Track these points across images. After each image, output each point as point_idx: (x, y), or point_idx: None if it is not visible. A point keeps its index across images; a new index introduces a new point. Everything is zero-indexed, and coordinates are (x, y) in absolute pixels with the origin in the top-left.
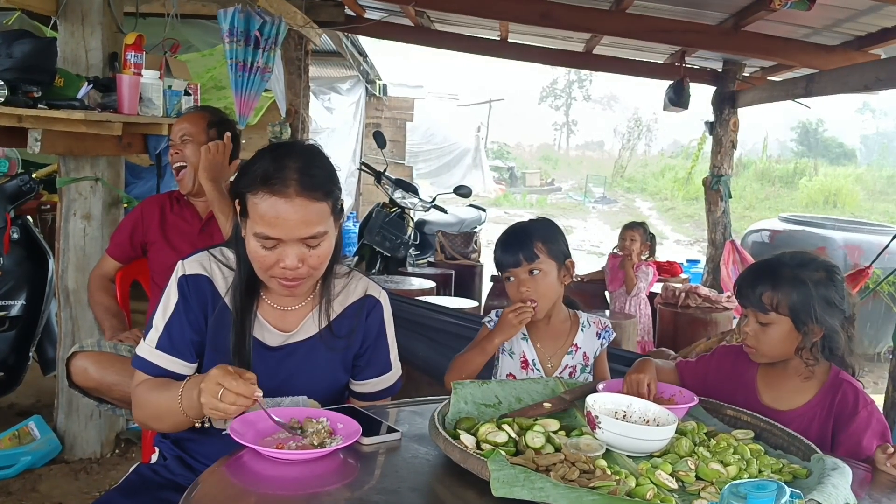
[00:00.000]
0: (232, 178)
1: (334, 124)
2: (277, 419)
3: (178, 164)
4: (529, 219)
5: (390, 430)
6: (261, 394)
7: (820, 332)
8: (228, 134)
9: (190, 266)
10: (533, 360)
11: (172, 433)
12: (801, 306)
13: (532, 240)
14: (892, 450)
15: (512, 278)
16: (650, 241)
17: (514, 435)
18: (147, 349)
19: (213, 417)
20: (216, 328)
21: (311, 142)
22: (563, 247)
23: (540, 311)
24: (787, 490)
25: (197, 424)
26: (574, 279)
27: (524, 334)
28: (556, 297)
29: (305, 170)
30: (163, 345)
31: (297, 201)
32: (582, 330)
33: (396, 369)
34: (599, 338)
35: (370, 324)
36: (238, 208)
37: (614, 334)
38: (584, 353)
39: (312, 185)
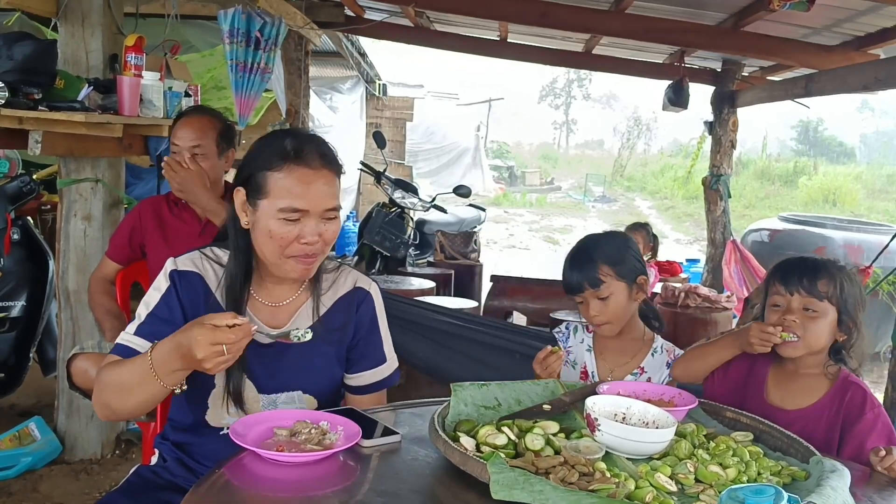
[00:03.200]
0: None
1: (338, 123)
2: (269, 332)
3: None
4: None
5: (390, 432)
6: (255, 327)
7: (854, 331)
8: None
9: (182, 263)
10: (592, 373)
11: (142, 412)
12: (850, 302)
13: None
14: (883, 453)
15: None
16: (653, 242)
17: (513, 437)
18: (126, 336)
19: (219, 370)
20: None
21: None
22: None
23: None
24: (785, 495)
25: (177, 391)
26: None
27: (589, 346)
28: None
29: (322, 145)
30: (143, 330)
31: (322, 172)
32: (652, 354)
33: (391, 361)
34: (668, 367)
35: (361, 315)
36: (243, 194)
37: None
38: (650, 377)
39: (330, 159)
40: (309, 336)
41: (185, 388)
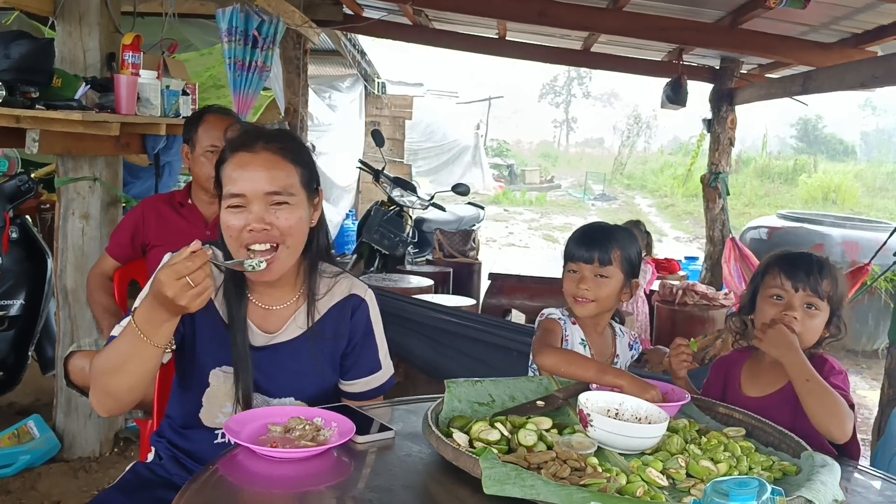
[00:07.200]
0: None
1: (337, 122)
2: (227, 263)
3: None
4: None
5: (384, 428)
6: (210, 252)
7: (842, 330)
8: None
9: None
10: None
11: (141, 390)
12: (841, 302)
13: None
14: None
15: None
16: (647, 239)
17: (506, 433)
18: (120, 328)
19: (197, 306)
20: (206, 325)
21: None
22: None
23: None
24: (769, 487)
25: (168, 351)
26: None
27: (582, 339)
28: None
29: (271, 132)
30: None
31: (262, 154)
32: (618, 339)
33: (387, 368)
34: (631, 349)
35: (356, 323)
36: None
37: (641, 347)
38: (622, 363)
39: (277, 139)
40: (263, 266)
41: (174, 347)
